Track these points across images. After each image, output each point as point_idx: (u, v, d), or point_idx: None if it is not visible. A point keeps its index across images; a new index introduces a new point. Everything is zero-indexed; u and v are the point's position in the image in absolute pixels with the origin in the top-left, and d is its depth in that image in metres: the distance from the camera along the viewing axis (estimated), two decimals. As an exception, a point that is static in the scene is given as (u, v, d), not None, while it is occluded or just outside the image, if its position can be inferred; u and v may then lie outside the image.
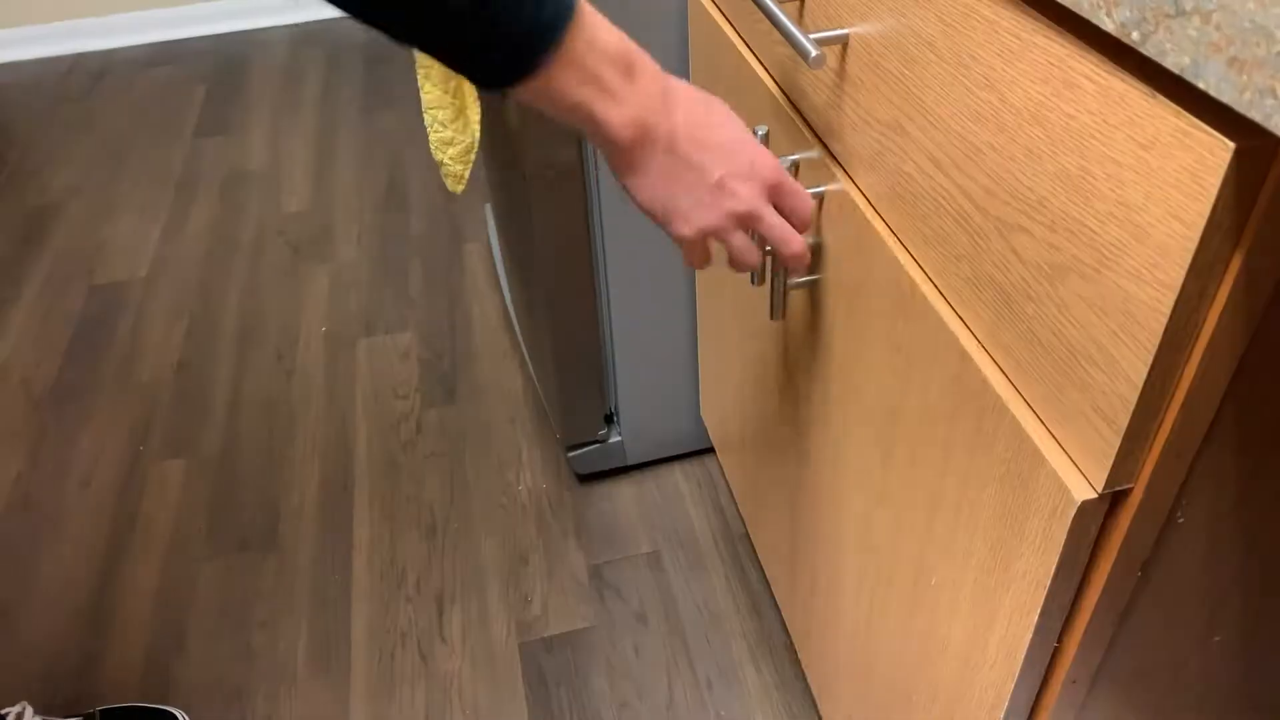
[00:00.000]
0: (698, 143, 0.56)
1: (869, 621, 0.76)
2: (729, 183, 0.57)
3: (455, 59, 0.48)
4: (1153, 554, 0.45)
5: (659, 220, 0.58)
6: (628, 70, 0.52)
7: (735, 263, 0.62)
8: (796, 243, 0.61)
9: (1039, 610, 0.48)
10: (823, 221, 0.67)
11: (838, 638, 0.85)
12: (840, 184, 0.63)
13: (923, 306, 0.55)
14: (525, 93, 0.50)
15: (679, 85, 0.56)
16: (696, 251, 0.61)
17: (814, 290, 0.71)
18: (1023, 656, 0.50)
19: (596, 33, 0.50)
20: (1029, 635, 0.49)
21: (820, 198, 0.66)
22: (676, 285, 1.17)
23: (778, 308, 0.73)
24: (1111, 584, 0.46)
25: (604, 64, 0.51)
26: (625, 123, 0.53)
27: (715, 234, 0.59)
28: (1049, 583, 0.46)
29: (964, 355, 0.51)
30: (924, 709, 0.66)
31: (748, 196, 0.58)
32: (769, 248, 0.66)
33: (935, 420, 0.56)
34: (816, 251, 0.69)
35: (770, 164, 0.59)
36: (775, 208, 0.61)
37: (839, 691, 0.88)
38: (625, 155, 0.55)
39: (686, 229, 0.58)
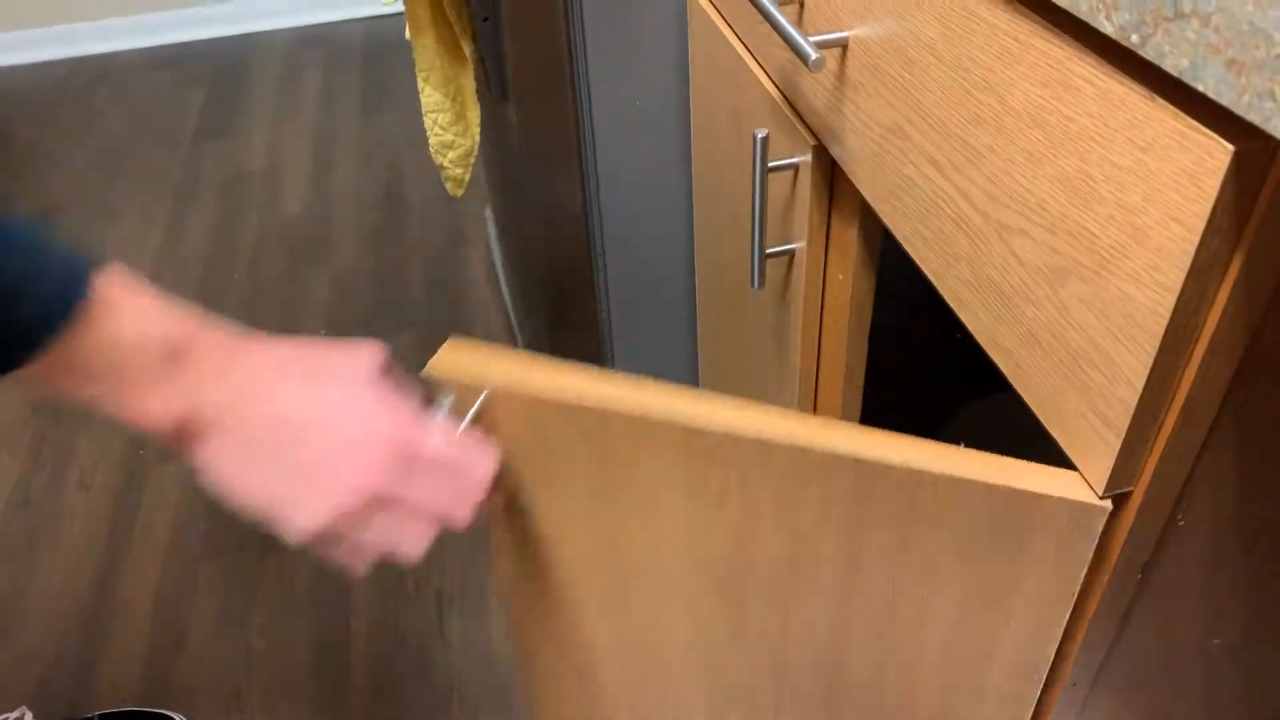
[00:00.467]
0: (290, 416, 0.45)
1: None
2: (351, 453, 0.45)
3: None
4: (1153, 556, 0.45)
5: (272, 519, 0.45)
6: (172, 357, 0.45)
7: (389, 558, 0.48)
8: (467, 512, 0.48)
9: (1064, 623, 0.47)
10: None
11: None
12: (496, 384, 0.49)
13: (755, 450, 0.47)
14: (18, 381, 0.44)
15: (267, 355, 0.47)
16: (338, 549, 0.47)
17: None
18: (1046, 669, 0.50)
19: (122, 325, 0.43)
20: (1052, 650, 0.49)
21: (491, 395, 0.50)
22: (677, 289, 1.17)
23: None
24: (1112, 587, 0.46)
25: (128, 357, 0.44)
26: (161, 415, 0.45)
27: (349, 521, 0.45)
28: (1073, 601, 0.46)
29: (855, 463, 0.45)
30: None
31: (381, 466, 0.45)
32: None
33: (828, 544, 0.50)
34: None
35: (415, 431, 0.46)
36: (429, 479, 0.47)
37: None
38: (180, 446, 0.46)
39: (307, 520, 0.44)
